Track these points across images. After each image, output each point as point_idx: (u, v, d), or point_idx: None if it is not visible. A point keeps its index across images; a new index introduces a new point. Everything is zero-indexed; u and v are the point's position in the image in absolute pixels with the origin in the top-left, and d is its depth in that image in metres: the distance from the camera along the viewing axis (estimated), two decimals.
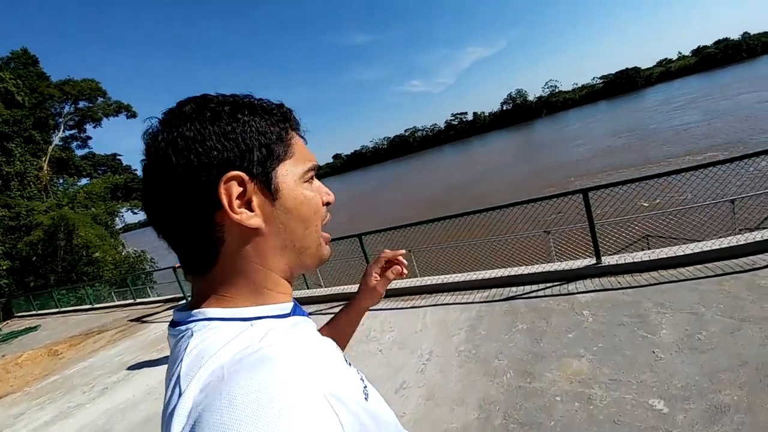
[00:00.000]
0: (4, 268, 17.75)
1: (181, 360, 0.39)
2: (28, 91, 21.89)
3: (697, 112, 33.43)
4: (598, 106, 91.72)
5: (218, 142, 0.45)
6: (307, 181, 0.52)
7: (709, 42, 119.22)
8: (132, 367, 5.52)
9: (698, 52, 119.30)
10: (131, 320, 8.64)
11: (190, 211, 0.44)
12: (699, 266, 3.55)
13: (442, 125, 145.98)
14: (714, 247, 3.63)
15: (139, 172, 0.50)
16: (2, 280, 17.75)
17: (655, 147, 23.81)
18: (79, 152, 28.31)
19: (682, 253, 3.70)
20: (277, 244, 0.49)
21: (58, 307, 14.06)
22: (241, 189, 0.45)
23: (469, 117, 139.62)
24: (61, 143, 26.57)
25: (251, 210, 0.46)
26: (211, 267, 0.47)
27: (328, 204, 0.56)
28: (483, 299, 4.28)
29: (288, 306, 0.51)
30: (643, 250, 4.32)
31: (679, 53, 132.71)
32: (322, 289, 6.44)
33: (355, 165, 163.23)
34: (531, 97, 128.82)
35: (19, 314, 16.17)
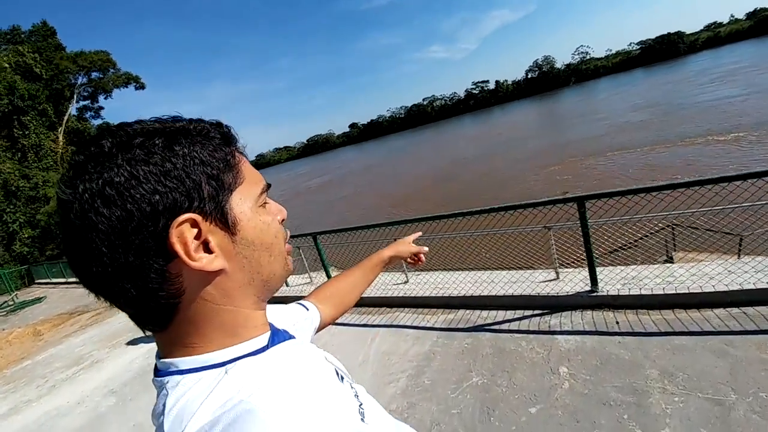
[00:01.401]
0: (26, 236, 19.01)
1: (162, 423, 0.38)
2: (45, 64, 22.59)
3: (735, 86, 30.71)
4: (633, 75, 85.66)
5: (158, 184, 0.38)
6: (263, 204, 0.48)
7: None
8: (82, 364, 5.34)
9: (754, 14, 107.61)
10: None
11: (137, 268, 0.38)
12: (736, 310, 2.55)
13: (462, 94, 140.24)
14: (763, 283, 2.58)
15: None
16: (25, 248, 19.03)
17: (674, 124, 22.35)
18: (94, 123, 29.30)
19: (711, 289, 2.70)
20: (243, 280, 0.45)
21: (65, 277, 14.38)
22: (195, 231, 0.40)
23: (491, 86, 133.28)
24: (76, 113, 27.56)
25: (210, 251, 0.41)
26: (171, 320, 0.42)
27: (283, 221, 0.53)
28: (445, 325, 3.52)
29: (264, 338, 0.48)
30: (663, 251, 3.49)
31: (732, 16, 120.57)
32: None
33: (371, 135, 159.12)
34: (559, 65, 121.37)
35: (38, 281, 16.87)
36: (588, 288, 3.20)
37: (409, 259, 1.10)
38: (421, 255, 1.09)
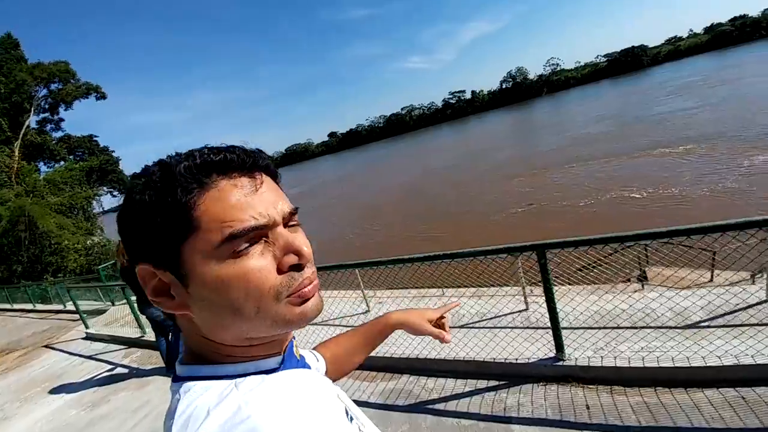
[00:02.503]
0: None
1: (170, 426, 0.39)
2: (4, 78, 21.83)
3: (689, 98, 32.41)
4: (600, 86, 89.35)
5: (129, 236, 0.43)
6: (235, 254, 0.41)
7: (725, 19, 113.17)
8: None
9: (711, 29, 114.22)
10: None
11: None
12: (731, 391, 2.05)
13: (440, 104, 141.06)
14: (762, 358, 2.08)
15: (116, 153, 0.45)
16: None
17: (630, 136, 23.56)
18: (55, 135, 28.32)
19: (700, 363, 2.18)
20: (210, 325, 0.44)
21: (10, 303, 12.96)
22: (155, 278, 0.43)
23: (468, 95, 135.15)
24: (36, 127, 26.57)
25: (172, 296, 0.43)
26: (179, 330, 0.48)
27: (295, 267, 0.44)
28: (383, 399, 2.87)
29: (275, 360, 0.49)
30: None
31: (691, 30, 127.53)
32: None
33: (350, 144, 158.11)
34: (532, 76, 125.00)
35: None
36: (552, 354, 2.63)
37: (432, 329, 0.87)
38: (444, 334, 0.85)
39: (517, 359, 2.71)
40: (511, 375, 2.68)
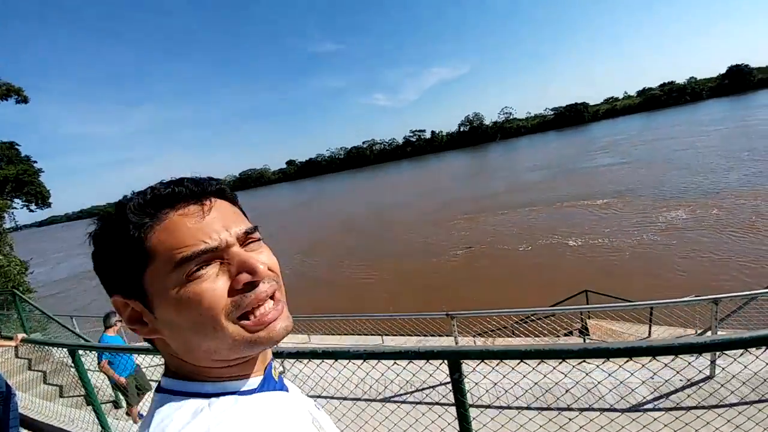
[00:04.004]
0: None
1: None
2: None
3: (614, 155, 36.07)
4: (546, 136, 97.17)
5: (99, 271, 0.47)
6: (189, 278, 0.44)
7: (655, 84, 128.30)
8: None
9: (643, 93, 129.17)
10: None
11: None
12: None
13: (401, 141, 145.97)
14: None
15: (39, 164, 0.48)
16: None
17: (559, 187, 25.70)
18: None
19: None
20: (183, 351, 0.47)
21: None
22: (128, 308, 0.47)
23: (428, 135, 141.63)
24: None
25: (145, 323, 0.47)
26: (159, 350, 0.50)
27: (250, 284, 0.46)
28: None
29: (253, 381, 0.50)
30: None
31: (625, 93, 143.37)
32: None
33: (308, 173, 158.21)
34: (487, 121, 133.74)
35: None
36: None
37: None
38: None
39: None
40: None
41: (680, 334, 5.27)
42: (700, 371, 2.96)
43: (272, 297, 0.48)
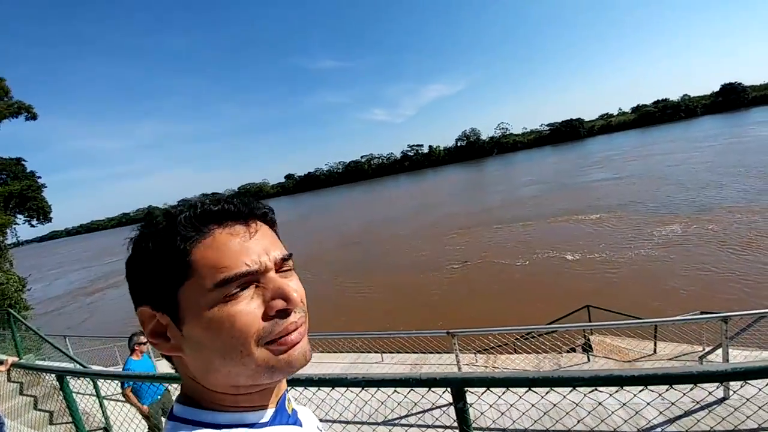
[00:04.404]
0: None
1: None
2: None
3: (608, 171, 36.40)
4: (542, 151, 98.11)
5: (132, 279, 0.46)
6: (226, 298, 0.43)
7: (649, 101, 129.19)
8: None
9: (638, 109, 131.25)
10: None
11: None
12: None
13: (399, 155, 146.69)
14: None
15: (43, 179, 0.53)
16: None
17: (554, 202, 25.87)
18: None
19: None
20: (201, 372, 0.46)
21: None
22: (154, 320, 0.45)
23: (425, 150, 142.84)
24: None
25: (167, 338, 0.46)
26: (176, 369, 0.49)
27: (282, 312, 0.46)
28: None
29: (265, 414, 0.49)
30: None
31: (620, 109, 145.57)
32: None
33: (307, 187, 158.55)
34: (484, 137, 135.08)
35: None
36: None
37: None
38: None
39: None
40: None
41: (686, 350, 5.19)
42: (710, 393, 2.89)
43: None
